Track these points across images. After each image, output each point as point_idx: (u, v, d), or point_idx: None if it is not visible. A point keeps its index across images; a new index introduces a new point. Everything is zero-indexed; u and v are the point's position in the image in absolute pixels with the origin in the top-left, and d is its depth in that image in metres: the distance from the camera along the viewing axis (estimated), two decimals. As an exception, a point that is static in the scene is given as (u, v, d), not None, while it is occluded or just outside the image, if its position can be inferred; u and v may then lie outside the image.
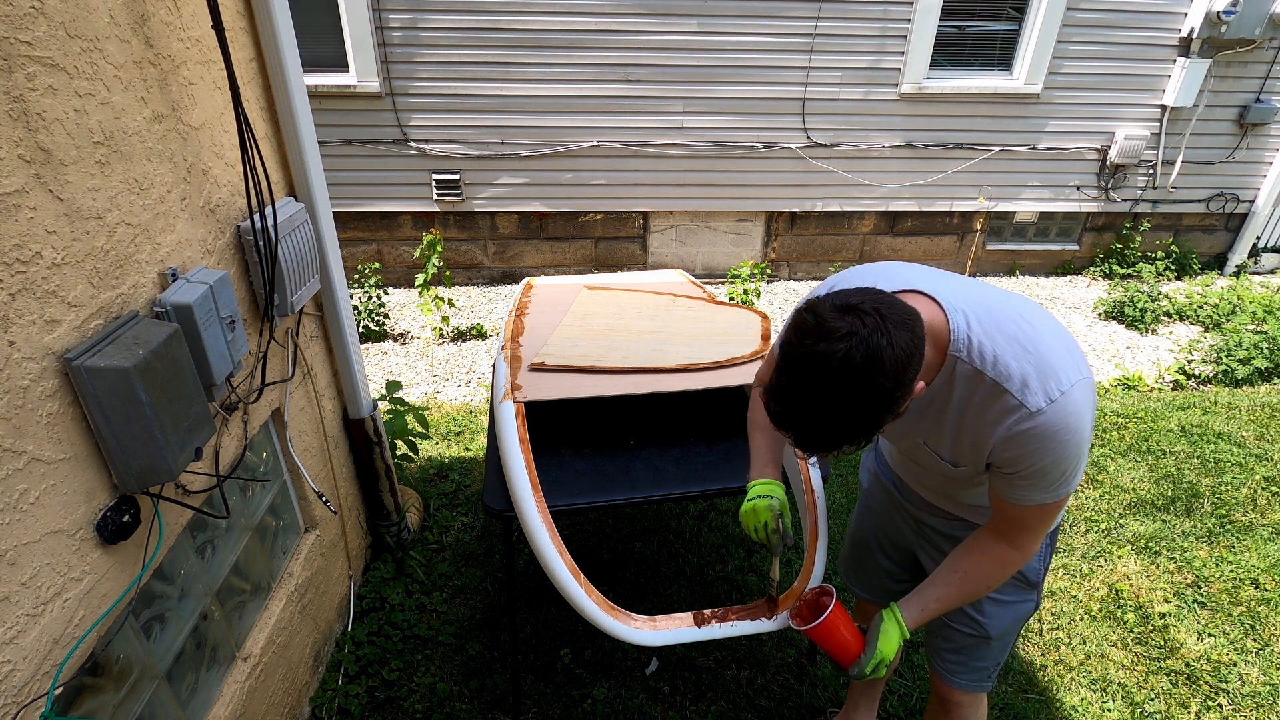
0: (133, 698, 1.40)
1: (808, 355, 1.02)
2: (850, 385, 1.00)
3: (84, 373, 1.13)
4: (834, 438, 1.08)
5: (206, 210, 1.54)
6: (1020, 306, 1.19)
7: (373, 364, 4.43)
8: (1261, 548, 2.86)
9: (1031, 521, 1.26)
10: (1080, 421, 1.13)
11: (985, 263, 5.82)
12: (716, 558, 2.79)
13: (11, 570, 1.06)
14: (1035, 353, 1.12)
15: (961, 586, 1.34)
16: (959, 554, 1.36)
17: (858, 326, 1.00)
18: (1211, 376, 4.36)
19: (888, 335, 1.00)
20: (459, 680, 2.32)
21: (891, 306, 1.05)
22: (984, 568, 1.32)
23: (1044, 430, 1.12)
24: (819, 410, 1.04)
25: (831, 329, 1.01)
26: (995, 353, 1.13)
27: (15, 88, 1.03)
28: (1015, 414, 1.13)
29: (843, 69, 4.89)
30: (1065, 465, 1.16)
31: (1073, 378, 1.12)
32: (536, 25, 4.58)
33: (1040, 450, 1.14)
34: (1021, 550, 1.30)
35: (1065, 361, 1.13)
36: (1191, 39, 4.94)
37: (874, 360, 0.99)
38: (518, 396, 1.97)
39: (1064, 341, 1.16)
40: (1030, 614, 1.57)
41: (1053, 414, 1.11)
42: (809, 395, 1.04)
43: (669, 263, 5.60)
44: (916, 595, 1.38)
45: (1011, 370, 1.12)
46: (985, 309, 1.16)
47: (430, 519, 2.98)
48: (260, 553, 1.93)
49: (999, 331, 1.14)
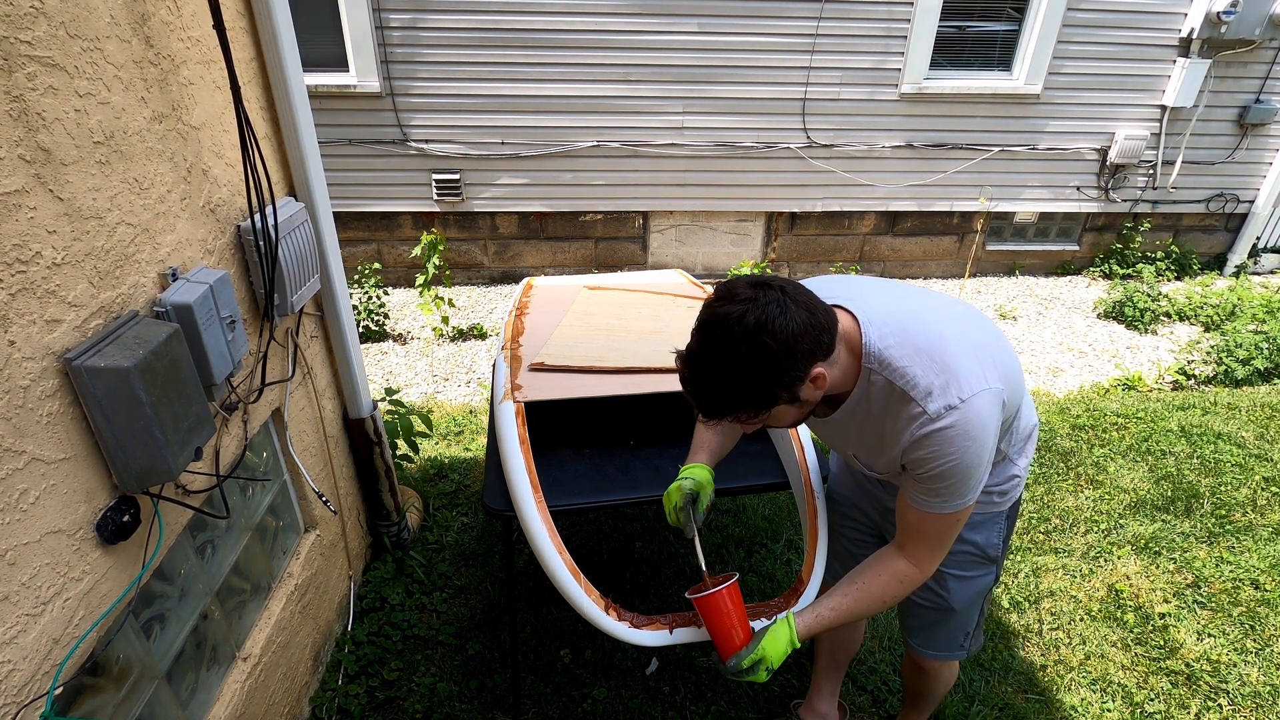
0: (133, 698, 1.40)
1: (710, 315, 1.14)
2: (738, 345, 1.10)
3: (84, 373, 1.13)
4: (724, 400, 1.16)
5: (206, 210, 1.54)
6: (941, 320, 1.27)
7: (373, 364, 4.43)
8: (1261, 548, 2.86)
9: (929, 532, 1.33)
10: (981, 429, 1.20)
11: (985, 263, 5.82)
12: (716, 558, 2.79)
13: (11, 570, 1.06)
14: (941, 363, 1.19)
15: (858, 599, 1.38)
16: (861, 567, 1.41)
17: (758, 296, 1.11)
18: (1211, 377, 4.36)
19: (784, 309, 1.10)
20: (459, 680, 2.32)
21: (800, 290, 1.15)
22: (882, 581, 1.37)
23: (945, 434, 1.19)
24: (709, 369, 1.14)
25: (735, 293, 1.13)
26: (904, 364, 1.20)
27: (15, 87, 1.03)
28: (919, 420, 1.20)
29: (843, 69, 4.89)
30: (965, 471, 1.22)
31: (976, 387, 1.19)
32: (536, 25, 4.58)
33: (940, 454, 1.20)
34: (920, 567, 1.36)
35: (972, 372, 1.20)
36: (1191, 39, 4.94)
37: (763, 325, 1.09)
38: (518, 396, 1.97)
39: (979, 354, 1.23)
40: (991, 586, 1.66)
41: (952, 419, 1.18)
42: (704, 355, 1.14)
43: (669, 263, 5.60)
44: (813, 605, 1.41)
45: (917, 379, 1.19)
46: (902, 324, 1.24)
47: (430, 519, 2.98)
48: (260, 553, 1.93)
49: (909, 345, 1.21)
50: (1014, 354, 1.35)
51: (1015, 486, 1.54)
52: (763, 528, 2.92)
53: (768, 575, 2.70)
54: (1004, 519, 1.58)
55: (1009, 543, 1.64)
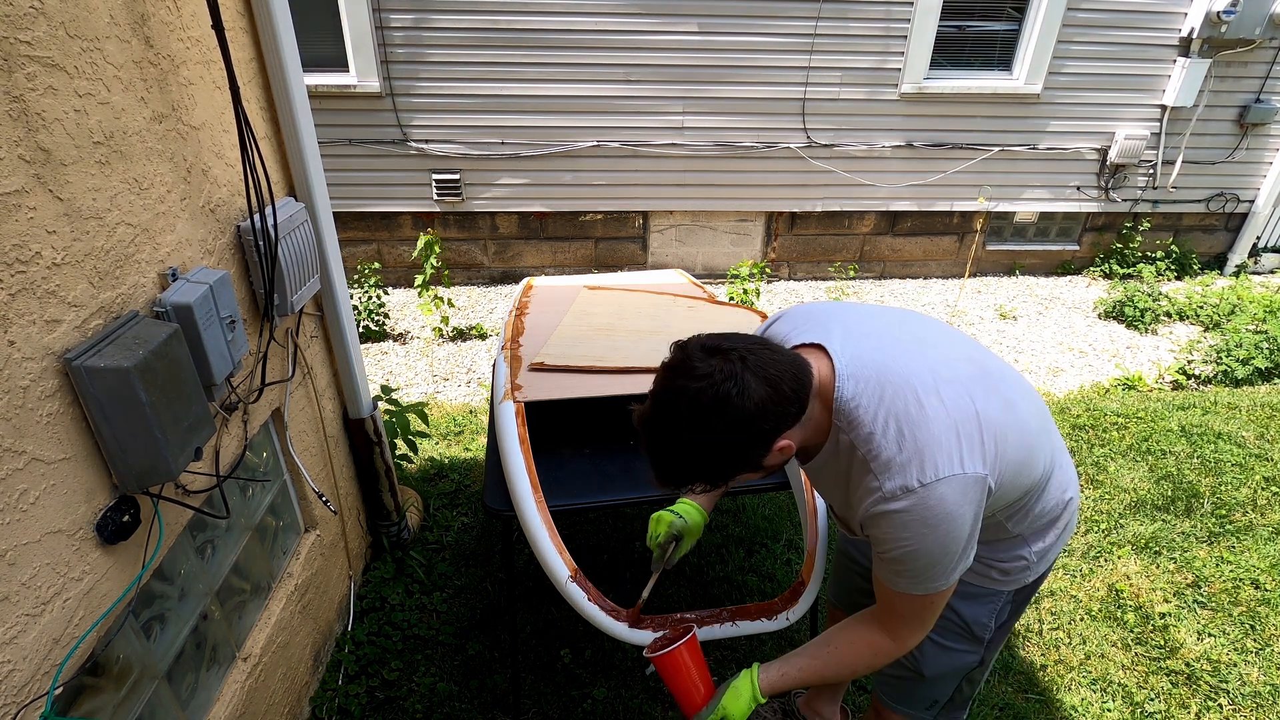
0: (133, 698, 1.40)
1: (666, 390, 1.06)
2: (694, 425, 1.03)
3: (84, 373, 1.13)
4: (679, 473, 1.10)
5: (206, 210, 1.54)
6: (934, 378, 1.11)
7: (373, 364, 4.43)
8: (1261, 548, 2.86)
9: (904, 610, 1.20)
10: (943, 518, 1.06)
11: (985, 263, 5.82)
12: (716, 558, 2.79)
13: (11, 570, 1.06)
14: (912, 437, 1.06)
15: (828, 661, 1.29)
16: (836, 631, 1.32)
17: (715, 370, 1.02)
18: (1211, 376, 4.36)
19: (740, 384, 1.01)
20: (459, 680, 2.32)
21: (761, 359, 1.04)
22: (855, 649, 1.27)
23: (900, 518, 1.07)
24: (666, 443, 1.08)
25: (692, 368, 1.03)
26: (871, 429, 1.08)
27: (15, 88, 1.03)
28: (874, 494, 1.09)
29: (843, 69, 4.89)
30: (928, 559, 1.10)
31: (944, 470, 1.05)
32: (536, 25, 4.58)
33: (895, 537, 1.09)
34: (897, 641, 1.23)
35: (946, 452, 1.06)
36: (1191, 39, 4.94)
37: (720, 406, 1.01)
38: (518, 396, 1.97)
39: (965, 429, 1.08)
40: (972, 668, 1.49)
41: (909, 503, 1.06)
42: (660, 428, 1.07)
43: (669, 263, 5.60)
44: (782, 661, 1.32)
45: (880, 450, 1.07)
46: (881, 381, 1.10)
47: (430, 519, 2.98)
48: (260, 553, 1.93)
49: (884, 407, 1.08)
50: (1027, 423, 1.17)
51: (1024, 570, 1.34)
52: (763, 528, 2.92)
53: (768, 575, 2.70)
54: (1004, 600, 1.40)
55: (1007, 630, 1.46)
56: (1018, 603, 1.42)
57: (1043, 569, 1.38)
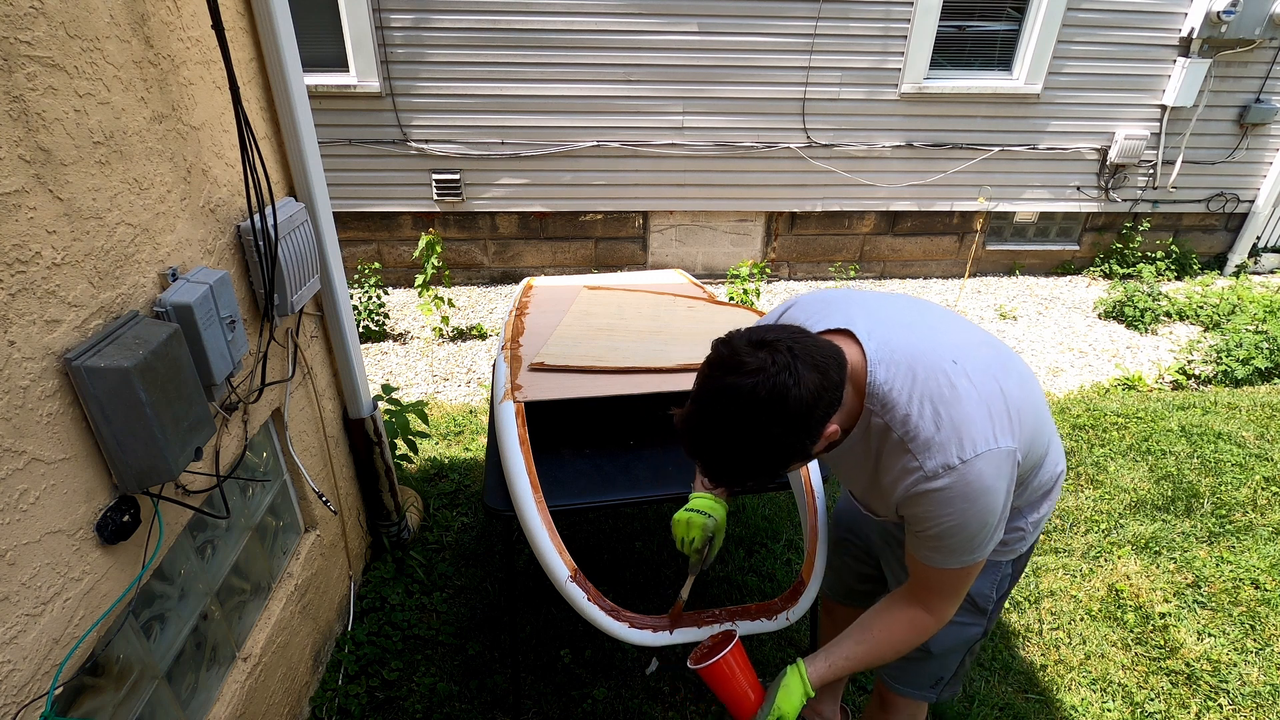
0: (133, 698, 1.40)
1: (716, 387, 1.03)
2: (752, 421, 1.01)
3: (84, 373, 1.13)
4: (737, 472, 1.08)
5: (206, 210, 1.54)
6: (959, 359, 1.14)
7: (373, 364, 4.43)
8: (1261, 548, 2.86)
9: (942, 585, 1.25)
10: (984, 492, 1.10)
11: (985, 263, 5.82)
12: (716, 558, 2.79)
13: (11, 570, 1.06)
14: (948, 416, 1.09)
15: (873, 648, 1.31)
16: (873, 615, 1.33)
17: (767, 363, 1.01)
18: (1211, 376, 4.36)
19: (795, 375, 1.00)
20: (459, 680, 2.32)
21: (807, 347, 1.04)
22: (897, 631, 1.30)
23: (942, 495, 1.10)
24: (721, 442, 1.05)
25: (741, 363, 1.02)
26: (907, 411, 1.10)
27: (15, 88, 1.03)
28: (913, 475, 1.11)
29: (843, 69, 4.89)
30: (968, 533, 1.13)
31: (982, 446, 1.09)
32: (536, 25, 4.58)
33: (939, 515, 1.12)
34: (935, 615, 1.28)
35: (981, 428, 1.09)
36: (1191, 39, 4.94)
37: (778, 399, 1.00)
38: (518, 396, 1.97)
39: (992, 405, 1.11)
40: (977, 639, 1.53)
41: (950, 480, 1.09)
42: (713, 427, 1.04)
43: (669, 263, 5.60)
44: (825, 652, 1.33)
45: (918, 430, 1.10)
46: (912, 363, 1.12)
47: (430, 519, 2.98)
48: (260, 553, 1.93)
49: (918, 389, 1.10)
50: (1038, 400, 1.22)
51: (1020, 540, 1.41)
52: (763, 528, 2.92)
53: (768, 575, 2.70)
54: (1004, 570, 1.47)
55: (1007, 597, 1.53)
56: (1015, 571, 1.47)
57: (1035, 537, 1.43)
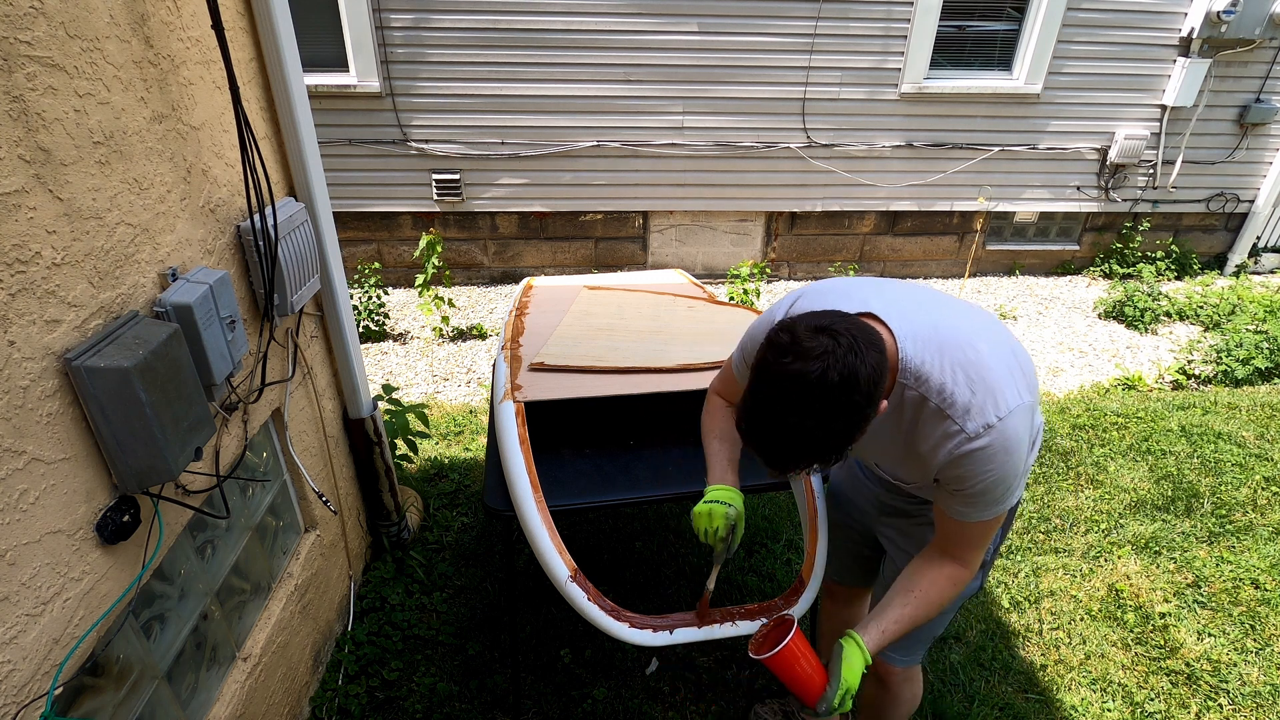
0: (133, 698, 1.40)
1: (786, 373, 1.06)
2: (826, 403, 1.05)
3: (84, 373, 1.13)
4: (804, 455, 1.11)
5: (206, 210, 1.54)
6: (972, 329, 1.24)
7: (373, 364, 4.43)
8: (1261, 548, 2.86)
9: (975, 537, 1.34)
10: (1018, 444, 1.20)
11: (985, 263, 5.82)
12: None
13: (11, 570, 1.06)
14: (980, 379, 1.17)
15: (919, 607, 1.38)
16: (912, 576, 1.40)
17: (832, 346, 1.05)
18: (1211, 376, 4.36)
19: (861, 355, 1.05)
20: (459, 680, 2.32)
21: (861, 329, 1.10)
22: (938, 586, 1.38)
23: (984, 453, 1.18)
24: (793, 428, 1.08)
25: (807, 348, 1.05)
26: (942, 380, 1.18)
27: (15, 88, 1.03)
28: (956, 438, 1.19)
29: (843, 69, 4.89)
30: (1005, 484, 1.23)
31: (1012, 403, 1.18)
32: (536, 25, 4.58)
33: (981, 471, 1.20)
34: (969, 566, 1.38)
35: (1008, 387, 1.18)
36: (1191, 39, 4.94)
37: (850, 379, 1.04)
38: (518, 396, 1.97)
39: (1009, 365, 1.21)
40: (974, 593, 1.63)
41: (991, 438, 1.17)
42: (785, 413, 1.07)
43: (669, 263, 5.60)
44: (875, 620, 1.38)
45: (955, 397, 1.17)
46: (936, 335, 1.20)
47: (430, 519, 2.98)
48: (260, 553, 1.93)
49: (946, 359, 1.19)
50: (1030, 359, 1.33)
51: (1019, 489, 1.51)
52: (763, 527, 2.92)
53: (768, 575, 2.70)
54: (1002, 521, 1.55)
55: (999, 548, 1.62)
56: (1007, 523, 1.54)
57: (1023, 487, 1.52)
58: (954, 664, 2.37)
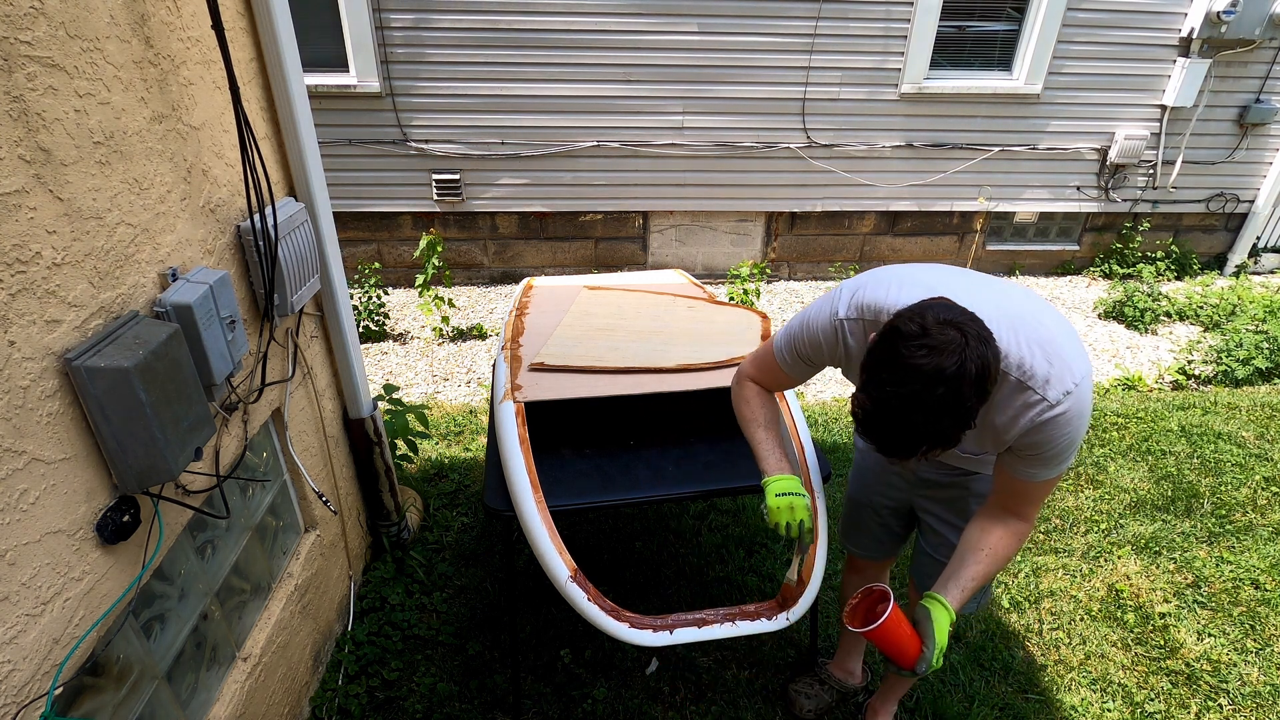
0: (133, 698, 1.40)
1: (918, 368, 1.11)
2: (961, 394, 1.11)
3: (84, 373, 1.13)
4: (930, 441, 1.17)
5: (206, 210, 1.54)
6: (1034, 307, 1.34)
7: (373, 364, 4.43)
8: (1261, 548, 2.86)
9: (1040, 494, 1.45)
10: (1087, 407, 1.31)
11: (985, 263, 5.81)
12: (716, 558, 2.79)
13: (11, 570, 1.06)
14: (1055, 352, 1.26)
15: (990, 563, 1.47)
16: (980, 535, 1.48)
17: (960, 340, 1.12)
18: (1211, 377, 4.36)
19: (989, 346, 1.15)
20: (459, 680, 2.32)
21: (974, 320, 1.18)
22: (1009, 541, 1.47)
23: (1064, 418, 1.27)
24: (925, 418, 1.13)
25: (941, 343, 1.12)
26: (1020, 355, 1.26)
27: (15, 88, 1.03)
28: (1037, 407, 1.27)
29: (843, 69, 4.89)
30: (1076, 444, 1.34)
31: (1082, 371, 1.28)
32: (536, 25, 4.57)
33: (1060, 435, 1.29)
34: (1029, 520, 1.48)
35: (1077, 358, 1.29)
36: (1191, 39, 4.94)
37: (983, 371, 1.13)
38: (518, 397, 1.97)
39: (1071, 338, 1.31)
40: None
41: (1069, 405, 1.26)
42: (917, 403, 1.12)
43: (669, 263, 5.59)
44: (953, 580, 1.46)
45: (1035, 370, 1.26)
46: (1004, 315, 1.28)
47: (430, 519, 2.98)
48: (260, 553, 1.93)
49: (1020, 337, 1.27)
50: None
51: None
52: (763, 527, 2.92)
53: (768, 575, 2.70)
54: None
55: None
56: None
57: None
58: (954, 664, 2.37)
